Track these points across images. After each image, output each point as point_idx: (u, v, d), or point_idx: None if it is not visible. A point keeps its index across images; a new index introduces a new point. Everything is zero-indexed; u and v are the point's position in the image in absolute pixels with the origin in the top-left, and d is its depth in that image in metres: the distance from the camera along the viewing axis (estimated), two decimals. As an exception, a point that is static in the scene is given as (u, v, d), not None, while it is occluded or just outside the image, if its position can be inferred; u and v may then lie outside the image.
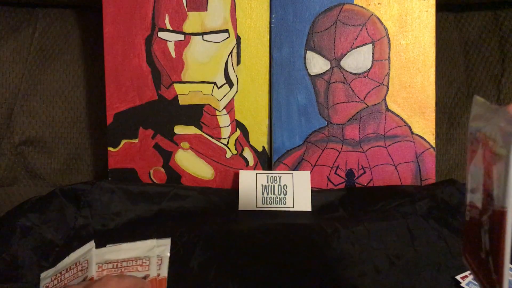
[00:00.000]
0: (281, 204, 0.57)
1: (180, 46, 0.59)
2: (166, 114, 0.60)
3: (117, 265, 0.47)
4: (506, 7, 0.63)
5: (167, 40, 0.59)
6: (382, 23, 0.59)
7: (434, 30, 0.58)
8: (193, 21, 0.59)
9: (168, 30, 0.59)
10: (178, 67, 0.59)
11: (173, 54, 0.59)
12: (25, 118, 0.64)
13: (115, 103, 0.60)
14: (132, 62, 0.59)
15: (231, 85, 0.60)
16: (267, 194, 0.58)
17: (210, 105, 0.60)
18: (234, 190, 0.59)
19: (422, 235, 0.50)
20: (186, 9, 0.59)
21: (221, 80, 0.60)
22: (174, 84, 0.60)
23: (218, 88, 0.60)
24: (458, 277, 0.47)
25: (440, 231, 0.51)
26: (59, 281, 0.46)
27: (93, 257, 0.47)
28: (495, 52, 0.64)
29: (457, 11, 0.66)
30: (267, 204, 0.57)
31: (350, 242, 0.50)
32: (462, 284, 0.46)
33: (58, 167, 0.65)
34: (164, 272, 0.46)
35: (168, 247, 0.49)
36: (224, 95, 0.60)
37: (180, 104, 0.60)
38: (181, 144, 0.60)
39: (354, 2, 0.59)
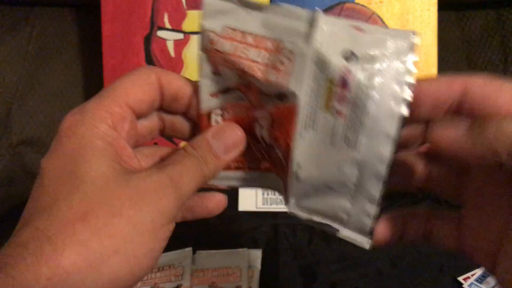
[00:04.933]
0: (282, 204, 0.57)
1: (179, 45, 0.59)
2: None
3: (207, 274, 0.46)
4: (509, 6, 0.63)
5: (166, 39, 0.59)
6: (383, 22, 0.58)
7: (436, 29, 0.58)
8: (192, 20, 0.59)
9: (167, 29, 0.59)
10: (177, 66, 0.59)
11: (172, 53, 0.59)
12: (23, 118, 0.63)
13: (114, 103, 0.59)
14: (131, 61, 0.59)
15: (231, 84, 0.59)
16: (267, 194, 0.58)
17: (210, 105, 0.59)
18: (234, 190, 0.58)
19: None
20: (185, 7, 0.59)
21: (220, 79, 0.59)
22: (174, 84, 0.59)
23: (218, 87, 0.59)
24: (460, 279, 0.46)
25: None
26: (148, 277, 0.45)
27: (189, 265, 0.46)
28: (497, 51, 0.63)
29: (459, 10, 0.66)
30: (267, 204, 0.57)
31: (351, 244, 0.49)
32: (464, 286, 0.46)
33: (57, 167, 0.64)
34: (255, 286, 0.45)
35: (259, 259, 0.48)
36: (224, 95, 0.59)
37: (179, 103, 0.59)
38: (180, 144, 0.60)
39: (355, 1, 0.58)
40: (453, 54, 0.65)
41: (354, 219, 0.26)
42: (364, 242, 0.26)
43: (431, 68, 0.58)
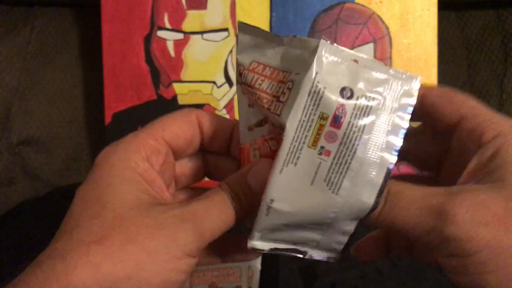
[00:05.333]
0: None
1: (179, 45, 0.59)
2: (165, 114, 0.59)
3: (207, 274, 0.46)
4: (509, 6, 0.63)
5: (166, 39, 0.59)
6: (383, 22, 0.58)
7: (436, 29, 0.58)
8: (192, 20, 0.59)
9: (167, 29, 0.59)
10: (177, 66, 0.59)
11: (172, 53, 0.59)
12: (22, 117, 0.63)
13: (114, 103, 0.59)
14: (131, 61, 0.59)
15: (231, 84, 0.59)
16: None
17: (210, 105, 0.59)
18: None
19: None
20: (185, 7, 0.59)
21: (220, 79, 0.59)
22: (173, 84, 0.59)
23: (218, 87, 0.59)
24: (460, 279, 0.46)
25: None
26: None
27: None
28: (497, 51, 0.63)
29: (459, 10, 0.66)
30: (267, 204, 0.57)
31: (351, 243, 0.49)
32: (465, 286, 0.46)
33: (57, 167, 0.64)
34: (255, 286, 0.45)
35: (259, 259, 0.47)
36: (224, 95, 0.59)
37: (179, 103, 0.59)
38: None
39: (355, 1, 0.58)
40: (453, 54, 0.65)
41: (323, 246, 0.25)
42: (332, 257, 0.26)
43: (431, 68, 0.58)
